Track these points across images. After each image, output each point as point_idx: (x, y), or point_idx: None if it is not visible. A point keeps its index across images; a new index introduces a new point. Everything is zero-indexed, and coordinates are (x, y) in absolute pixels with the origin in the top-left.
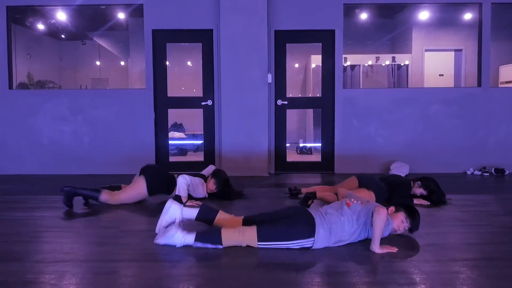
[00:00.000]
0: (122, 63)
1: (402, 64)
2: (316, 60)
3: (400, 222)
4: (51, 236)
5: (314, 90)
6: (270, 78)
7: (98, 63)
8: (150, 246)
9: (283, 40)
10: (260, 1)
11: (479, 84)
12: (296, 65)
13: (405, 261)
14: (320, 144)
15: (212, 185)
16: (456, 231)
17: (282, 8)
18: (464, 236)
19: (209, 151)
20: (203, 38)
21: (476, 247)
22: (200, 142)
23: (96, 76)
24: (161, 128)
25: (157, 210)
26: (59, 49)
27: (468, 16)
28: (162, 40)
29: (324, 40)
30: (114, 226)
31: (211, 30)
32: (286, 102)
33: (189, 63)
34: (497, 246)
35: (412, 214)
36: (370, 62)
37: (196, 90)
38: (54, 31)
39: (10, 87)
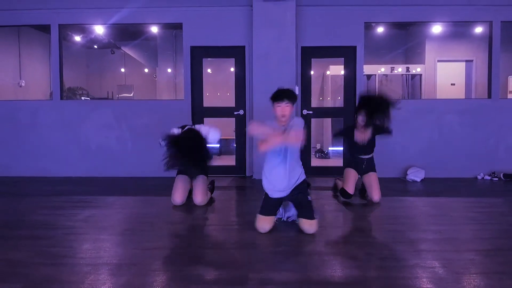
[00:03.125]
0: (146, 70)
1: (414, 72)
2: (333, 70)
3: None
4: (121, 230)
5: (333, 98)
6: (297, 90)
7: (123, 70)
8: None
9: (309, 55)
10: (289, 19)
11: (489, 96)
12: (312, 72)
13: (427, 251)
14: (341, 148)
15: None
16: (470, 228)
17: (308, 26)
18: (477, 232)
19: (241, 157)
20: (236, 54)
21: (488, 241)
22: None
23: (122, 82)
24: None
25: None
26: (88, 57)
27: (479, 29)
28: (199, 55)
29: (346, 55)
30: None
31: (244, 46)
32: (311, 112)
33: (222, 75)
34: (506, 240)
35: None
36: (382, 70)
37: (229, 100)
38: (88, 43)
39: (62, 97)
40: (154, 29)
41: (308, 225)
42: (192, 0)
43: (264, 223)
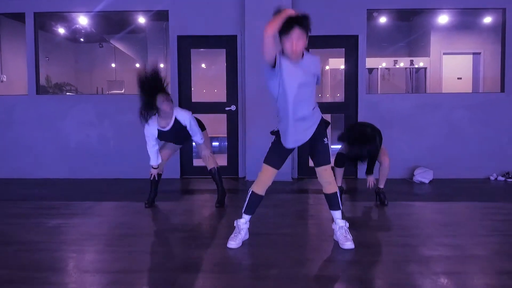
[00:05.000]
0: (137, 65)
1: (418, 66)
2: (333, 63)
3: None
4: (91, 245)
5: (332, 94)
6: None
7: (113, 65)
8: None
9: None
10: (285, 5)
11: (503, 90)
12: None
13: (448, 273)
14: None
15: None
16: (492, 240)
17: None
18: (501, 247)
19: (233, 155)
20: (227, 44)
21: None
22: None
23: (112, 78)
24: None
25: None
26: (75, 51)
27: (487, 20)
28: (187, 46)
29: (347, 45)
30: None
31: (235, 36)
32: None
33: (212, 68)
34: None
35: None
36: (384, 64)
37: (219, 95)
38: (72, 34)
39: (38, 92)
40: (142, 20)
41: (326, 172)
42: None
43: (271, 177)
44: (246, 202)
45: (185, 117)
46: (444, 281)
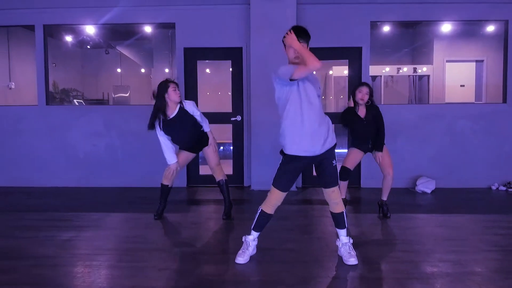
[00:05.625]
0: (143, 70)
1: (421, 73)
2: (336, 71)
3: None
4: (104, 260)
5: (335, 99)
6: None
7: (119, 70)
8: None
9: None
10: (289, 19)
11: (504, 100)
12: (314, 73)
13: None
14: (346, 150)
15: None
16: (493, 257)
17: (309, 26)
18: (502, 263)
19: (238, 164)
20: (233, 56)
21: None
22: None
23: (118, 83)
24: None
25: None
26: (82, 57)
27: (490, 28)
28: (193, 57)
29: (351, 57)
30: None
31: (241, 48)
32: None
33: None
34: None
35: None
36: (387, 69)
37: (225, 105)
38: (79, 42)
39: (47, 103)
40: (148, 29)
41: (334, 193)
42: None
43: (280, 199)
44: (255, 220)
45: (189, 103)
46: None
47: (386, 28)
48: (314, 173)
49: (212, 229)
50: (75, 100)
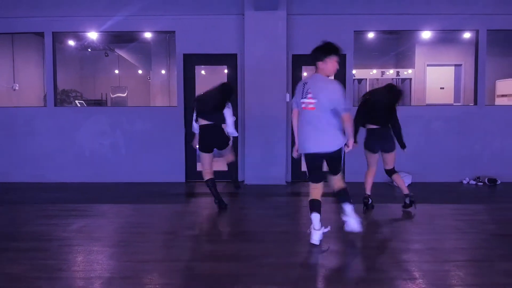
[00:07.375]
0: (140, 71)
1: (404, 76)
2: None
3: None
4: (120, 240)
5: None
6: (288, 97)
7: (117, 71)
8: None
9: (299, 63)
10: (280, 28)
11: (475, 103)
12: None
13: (408, 261)
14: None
15: None
16: (451, 237)
17: (299, 34)
18: (457, 242)
19: (233, 161)
20: (228, 61)
21: (466, 251)
22: None
23: (116, 84)
24: (190, 140)
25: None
26: (81, 59)
27: (467, 35)
28: (192, 63)
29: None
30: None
31: (236, 55)
32: None
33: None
34: (482, 250)
35: None
36: (374, 71)
37: None
38: (81, 45)
39: (56, 104)
40: (148, 34)
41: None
42: (184, 9)
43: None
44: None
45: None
46: (403, 266)
47: (371, 35)
48: (304, 169)
49: (209, 217)
50: (76, 101)
